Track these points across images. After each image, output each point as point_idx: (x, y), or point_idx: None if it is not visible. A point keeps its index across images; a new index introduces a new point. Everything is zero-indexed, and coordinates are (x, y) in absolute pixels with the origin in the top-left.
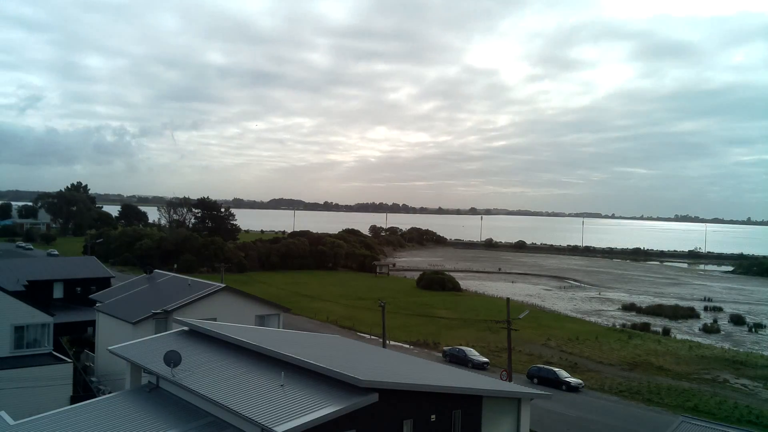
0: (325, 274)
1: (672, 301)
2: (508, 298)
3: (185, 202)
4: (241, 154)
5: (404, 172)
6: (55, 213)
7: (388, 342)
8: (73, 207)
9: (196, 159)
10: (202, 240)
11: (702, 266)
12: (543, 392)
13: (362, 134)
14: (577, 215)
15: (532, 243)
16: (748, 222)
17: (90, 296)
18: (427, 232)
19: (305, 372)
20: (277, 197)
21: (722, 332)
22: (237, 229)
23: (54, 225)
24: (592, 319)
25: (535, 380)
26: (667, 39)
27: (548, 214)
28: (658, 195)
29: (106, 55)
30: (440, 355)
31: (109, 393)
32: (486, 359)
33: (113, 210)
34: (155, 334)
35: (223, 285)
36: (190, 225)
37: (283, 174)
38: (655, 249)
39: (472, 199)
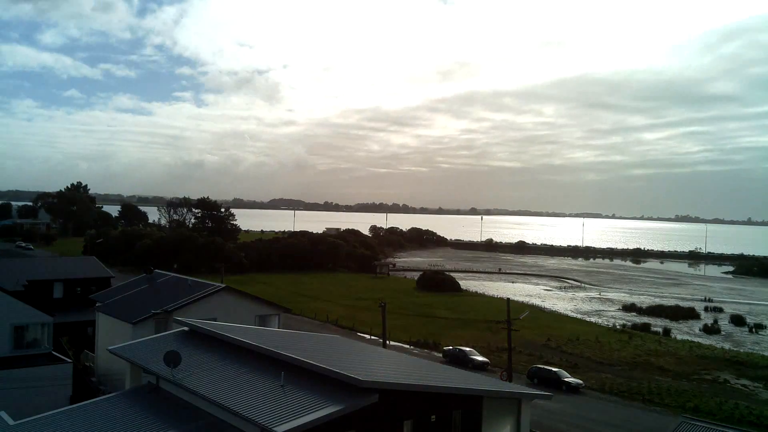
0: (325, 274)
1: (672, 302)
2: (508, 299)
3: (185, 202)
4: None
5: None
6: (55, 213)
7: (388, 342)
8: (73, 207)
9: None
10: (202, 240)
11: (702, 266)
12: (543, 392)
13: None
14: (577, 215)
15: (533, 243)
16: (749, 222)
17: (90, 296)
18: (427, 232)
19: (305, 372)
20: (277, 197)
21: (722, 333)
22: (237, 230)
23: (54, 225)
24: (593, 319)
25: (536, 380)
26: None
27: (548, 214)
28: (658, 195)
29: None
30: (440, 355)
31: (109, 393)
32: (486, 359)
33: (113, 210)
34: (155, 334)
35: (223, 285)
36: (190, 225)
37: (283, 174)
38: (655, 249)
39: (472, 199)
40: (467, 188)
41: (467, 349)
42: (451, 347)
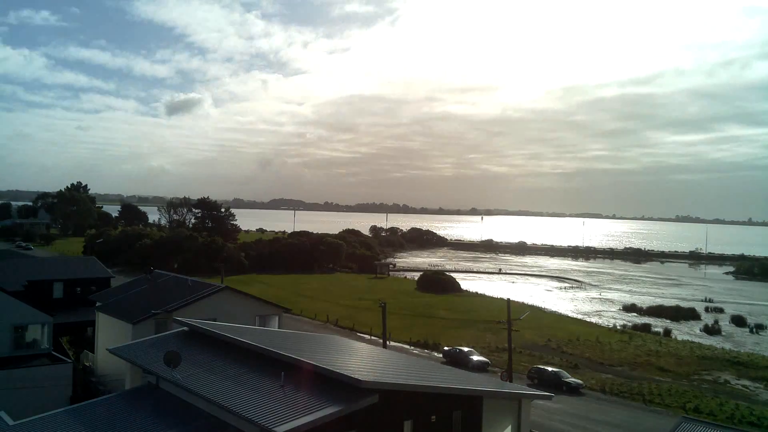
0: (325, 274)
1: (673, 302)
2: (508, 299)
3: (185, 202)
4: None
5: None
6: (55, 213)
7: (388, 342)
8: (73, 207)
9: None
10: (202, 240)
11: (703, 267)
12: (543, 393)
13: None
14: (577, 215)
15: (533, 244)
16: (749, 222)
17: (90, 296)
18: (428, 232)
19: (305, 372)
20: (277, 197)
21: (723, 333)
22: (237, 230)
23: (54, 225)
24: (593, 319)
25: (536, 381)
26: None
27: (549, 215)
28: (658, 195)
29: None
30: (440, 355)
31: (109, 393)
32: (486, 360)
33: (113, 210)
34: (155, 334)
35: (223, 285)
36: (190, 225)
37: (283, 174)
38: (655, 249)
39: (472, 199)
40: (467, 189)
41: (467, 349)
42: (451, 347)
